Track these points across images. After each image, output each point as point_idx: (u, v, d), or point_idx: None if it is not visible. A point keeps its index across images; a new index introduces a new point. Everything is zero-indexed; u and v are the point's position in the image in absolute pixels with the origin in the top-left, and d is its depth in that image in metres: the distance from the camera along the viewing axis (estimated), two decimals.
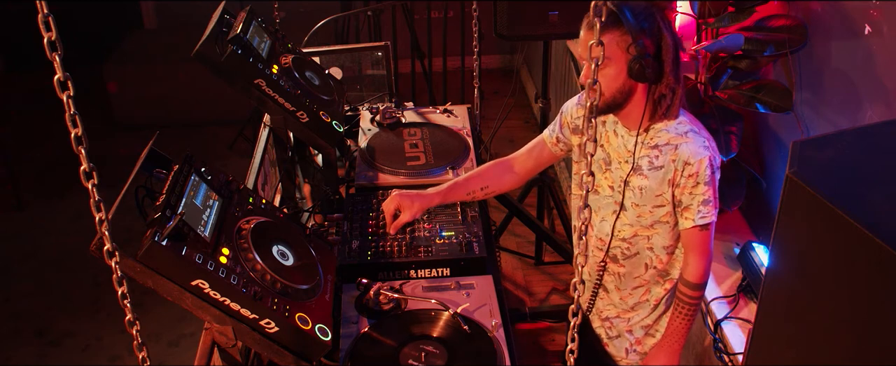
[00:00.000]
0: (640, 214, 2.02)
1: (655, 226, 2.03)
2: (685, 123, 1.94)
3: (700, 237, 1.98)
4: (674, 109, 1.92)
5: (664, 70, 1.86)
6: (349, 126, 2.66)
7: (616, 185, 2.04)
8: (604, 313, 2.24)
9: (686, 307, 2.05)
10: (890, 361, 0.94)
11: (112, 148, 4.84)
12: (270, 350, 1.65)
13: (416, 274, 2.01)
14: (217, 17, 2.26)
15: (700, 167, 1.89)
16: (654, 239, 2.05)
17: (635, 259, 2.10)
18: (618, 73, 1.87)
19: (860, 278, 0.98)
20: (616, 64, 1.85)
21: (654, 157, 1.95)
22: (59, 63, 1.17)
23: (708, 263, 2.01)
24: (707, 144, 1.92)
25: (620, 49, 1.84)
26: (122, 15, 6.20)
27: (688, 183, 1.92)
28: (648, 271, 2.11)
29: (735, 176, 2.56)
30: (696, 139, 1.91)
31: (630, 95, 1.91)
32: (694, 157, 1.89)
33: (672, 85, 1.89)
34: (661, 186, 1.95)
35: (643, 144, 1.96)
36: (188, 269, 1.52)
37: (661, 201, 1.98)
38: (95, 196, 1.27)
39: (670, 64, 1.86)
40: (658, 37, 1.84)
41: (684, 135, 1.92)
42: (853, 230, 0.93)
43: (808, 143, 1.10)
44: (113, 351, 3.66)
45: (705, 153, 1.90)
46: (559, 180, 4.73)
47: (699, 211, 1.94)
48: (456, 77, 5.23)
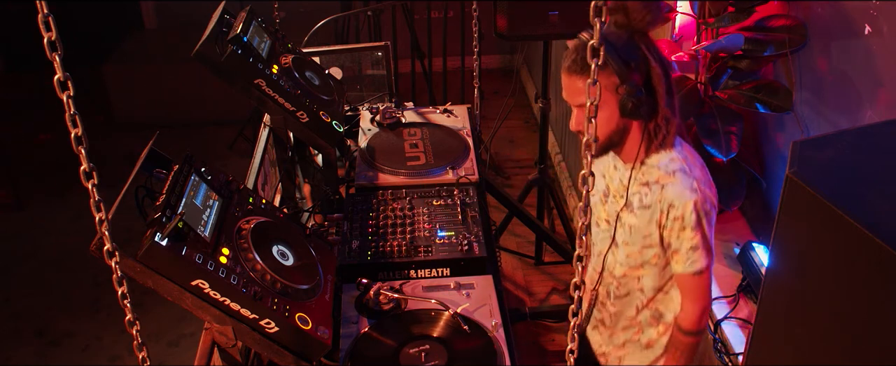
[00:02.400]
0: (630, 254, 1.93)
1: (645, 267, 1.94)
2: (676, 159, 1.84)
3: (693, 283, 1.88)
4: (669, 139, 1.83)
5: (658, 103, 1.78)
6: (349, 126, 2.66)
7: (611, 219, 1.96)
8: (600, 346, 2.17)
9: (679, 352, 1.95)
10: (890, 361, 0.94)
11: (112, 148, 4.84)
12: (270, 350, 1.65)
13: (416, 274, 2.01)
14: (217, 17, 2.26)
15: (685, 211, 1.79)
16: (644, 280, 1.96)
17: (626, 299, 2.01)
18: (611, 115, 1.79)
19: (860, 278, 0.98)
20: (608, 106, 1.77)
21: (645, 194, 1.86)
22: (59, 63, 1.17)
23: (703, 309, 1.91)
24: (694, 186, 1.80)
25: (609, 91, 1.76)
26: (122, 15, 6.20)
27: (675, 226, 1.82)
28: (641, 313, 2.01)
29: (735, 176, 2.56)
30: (683, 180, 1.80)
31: (625, 133, 1.84)
32: (679, 199, 1.79)
33: (667, 116, 1.81)
34: (649, 226, 1.86)
35: (636, 179, 1.88)
36: (188, 269, 1.52)
37: (650, 242, 1.89)
38: (95, 196, 1.27)
39: (663, 95, 1.78)
40: (646, 68, 1.76)
41: (672, 174, 1.82)
42: (853, 230, 0.93)
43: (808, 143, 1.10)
44: (113, 351, 3.66)
45: (691, 196, 1.79)
46: (559, 180, 4.73)
47: (688, 257, 1.84)
48: (456, 77, 5.23)
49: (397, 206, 2.23)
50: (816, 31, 2.32)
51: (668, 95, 1.79)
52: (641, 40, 1.76)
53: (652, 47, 1.78)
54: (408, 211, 2.20)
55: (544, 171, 3.77)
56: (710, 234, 1.84)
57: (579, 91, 1.77)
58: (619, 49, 1.73)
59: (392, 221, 2.16)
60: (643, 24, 1.74)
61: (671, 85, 1.80)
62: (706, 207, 1.81)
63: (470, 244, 2.04)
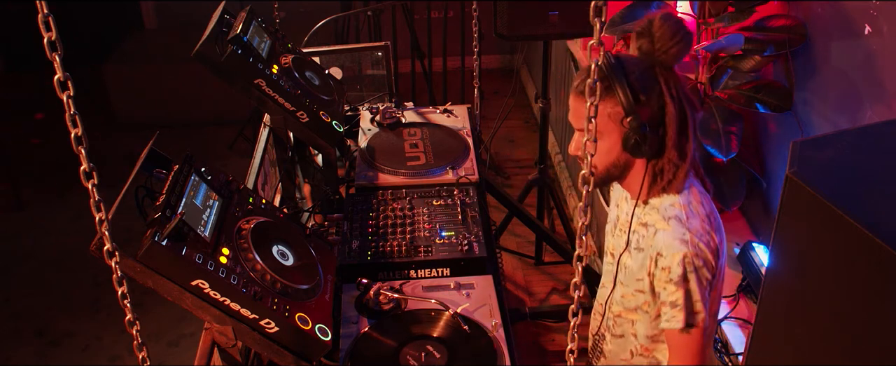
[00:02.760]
0: (624, 295, 1.83)
1: (638, 311, 1.82)
2: (677, 205, 1.69)
3: (677, 341, 1.73)
4: (676, 183, 1.69)
5: (665, 144, 1.66)
6: (349, 126, 2.66)
7: (616, 253, 1.85)
8: None
9: None
10: (890, 361, 0.94)
11: (112, 148, 4.84)
12: (270, 350, 1.65)
13: (416, 274, 2.01)
14: (217, 17, 2.26)
15: (672, 262, 1.64)
16: (637, 325, 1.84)
17: (622, 341, 1.91)
18: (611, 147, 1.68)
19: (860, 278, 0.98)
20: (609, 137, 1.66)
21: (642, 235, 1.74)
22: (59, 63, 1.17)
23: None
24: (687, 238, 1.64)
25: (613, 121, 1.64)
26: (122, 15, 6.20)
27: (661, 276, 1.67)
28: (635, 358, 1.89)
29: (735, 176, 2.56)
30: (677, 229, 1.66)
31: (627, 168, 1.73)
32: (667, 249, 1.65)
33: (675, 160, 1.67)
34: (641, 270, 1.74)
35: (638, 217, 1.76)
36: (188, 269, 1.52)
37: (642, 287, 1.76)
38: (95, 196, 1.27)
39: (673, 137, 1.65)
40: (660, 105, 1.63)
41: (667, 220, 1.68)
42: (853, 230, 0.93)
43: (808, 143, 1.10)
44: (113, 351, 3.66)
45: (681, 249, 1.64)
46: (559, 180, 4.73)
47: (666, 312, 1.69)
48: (456, 77, 5.23)
49: (397, 206, 2.23)
50: (816, 31, 2.32)
51: (681, 138, 1.66)
52: (662, 73, 1.64)
53: (674, 83, 1.65)
54: (408, 211, 2.20)
55: (544, 171, 3.77)
56: (700, 293, 1.66)
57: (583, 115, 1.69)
58: (633, 78, 1.62)
59: (392, 221, 2.16)
60: (668, 56, 1.62)
61: (689, 128, 1.67)
62: (697, 263, 1.64)
63: (470, 244, 2.04)
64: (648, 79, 1.63)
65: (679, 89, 1.65)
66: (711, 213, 1.72)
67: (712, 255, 1.67)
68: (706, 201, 1.73)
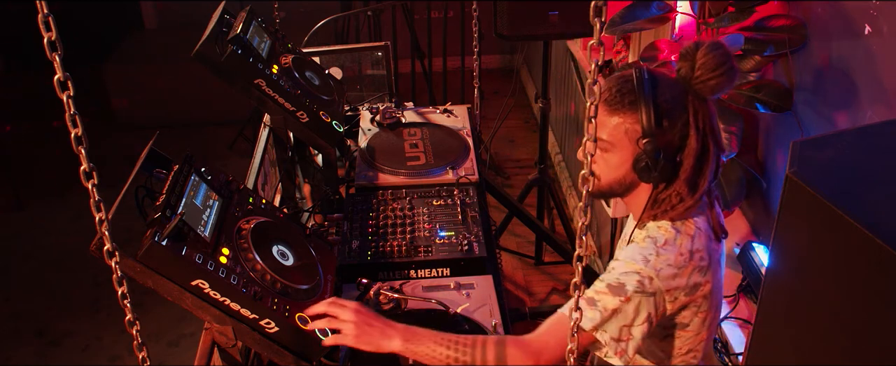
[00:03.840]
0: None
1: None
2: (664, 229, 1.60)
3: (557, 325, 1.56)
4: (673, 213, 1.61)
5: (678, 176, 1.58)
6: (349, 126, 2.66)
7: None
8: None
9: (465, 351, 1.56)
10: (890, 361, 0.94)
11: (112, 148, 4.84)
12: (270, 350, 1.65)
13: (416, 274, 2.01)
14: (217, 17, 2.26)
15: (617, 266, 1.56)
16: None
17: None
18: (620, 163, 1.60)
19: (860, 278, 0.98)
20: (620, 153, 1.59)
21: None
22: (59, 63, 1.17)
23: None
24: (649, 259, 1.54)
25: (628, 138, 1.56)
26: (122, 15, 6.20)
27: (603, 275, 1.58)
28: None
29: (735, 176, 2.56)
30: (648, 248, 1.57)
31: (631, 188, 1.65)
32: (624, 257, 1.57)
33: (682, 194, 1.59)
34: None
35: (633, 237, 1.67)
36: (188, 269, 1.52)
37: None
38: (95, 196, 1.27)
39: (688, 170, 1.57)
40: (682, 135, 1.55)
41: (645, 239, 1.60)
42: (853, 230, 0.93)
43: (808, 143, 1.10)
44: (113, 351, 3.66)
45: (637, 265, 1.54)
46: (559, 180, 4.73)
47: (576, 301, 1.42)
48: (456, 77, 5.24)
49: (397, 206, 2.23)
50: (816, 31, 2.31)
51: (696, 175, 1.59)
52: (694, 103, 1.56)
53: (703, 116, 1.56)
54: (408, 211, 2.20)
55: (544, 171, 3.77)
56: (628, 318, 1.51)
57: (601, 125, 1.58)
58: (662, 100, 1.54)
59: (392, 222, 2.16)
60: (705, 87, 1.54)
61: (707, 166, 1.59)
62: (642, 287, 1.52)
63: (470, 244, 2.04)
64: (677, 105, 1.55)
65: (708, 124, 1.58)
66: (701, 252, 1.60)
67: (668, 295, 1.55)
68: (700, 240, 1.61)
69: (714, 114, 1.60)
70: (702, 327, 1.68)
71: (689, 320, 1.66)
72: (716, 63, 1.53)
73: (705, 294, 1.62)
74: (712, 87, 1.54)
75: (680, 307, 1.61)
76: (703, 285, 1.60)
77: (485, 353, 1.56)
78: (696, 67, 1.54)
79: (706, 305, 1.64)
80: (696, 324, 1.67)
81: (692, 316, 1.65)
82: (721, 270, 1.70)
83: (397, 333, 1.60)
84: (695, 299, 1.61)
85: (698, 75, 1.54)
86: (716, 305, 1.69)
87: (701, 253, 1.60)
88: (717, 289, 1.66)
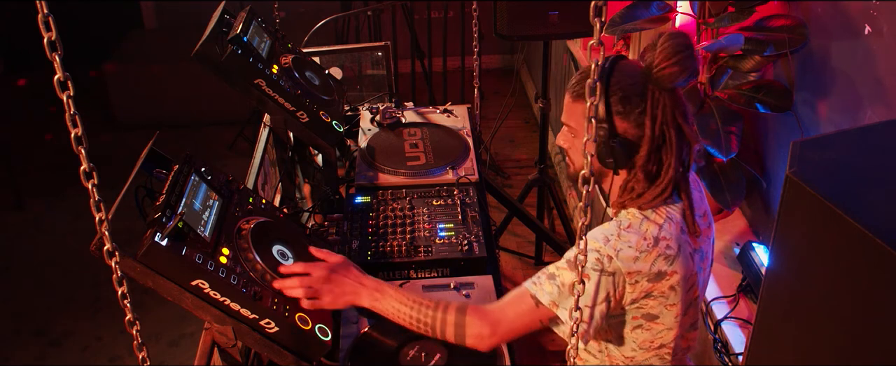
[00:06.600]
0: None
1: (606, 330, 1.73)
2: (631, 215, 1.62)
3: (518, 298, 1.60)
4: (640, 201, 1.62)
5: (635, 163, 1.61)
6: (349, 126, 2.66)
7: None
8: None
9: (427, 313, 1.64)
10: (890, 361, 0.94)
11: (112, 148, 4.84)
12: (270, 350, 1.65)
13: (416, 274, 2.01)
14: (217, 17, 2.27)
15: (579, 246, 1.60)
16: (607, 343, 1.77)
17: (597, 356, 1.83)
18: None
19: (860, 278, 0.98)
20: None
21: None
22: (59, 63, 1.17)
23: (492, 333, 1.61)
24: (610, 240, 1.56)
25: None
26: (122, 15, 6.20)
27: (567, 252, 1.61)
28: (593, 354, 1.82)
29: (735, 176, 2.56)
30: (610, 229, 1.59)
31: (601, 175, 1.70)
32: (589, 236, 1.57)
33: (642, 181, 1.61)
34: None
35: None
36: (188, 269, 1.52)
37: None
38: (95, 196, 1.28)
39: (644, 158, 1.59)
40: (638, 123, 1.58)
41: (611, 223, 1.63)
42: (853, 230, 0.93)
43: (808, 143, 1.10)
44: (113, 351, 3.66)
45: (598, 243, 1.56)
46: (559, 180, 4.73)
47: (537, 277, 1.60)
48: (456, 77, 5.24)
49: (397, 206, 2.23)
50: (816, 31, 2.31)
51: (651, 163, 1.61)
52: (654, 92, 1.57)
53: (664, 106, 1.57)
54: (408, 211, 2.20)
55: (544, 171, 3.77)
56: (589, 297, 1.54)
57: (571, 113, 1.67)
58: (618, 87, 1.57)
59: (392, 222, 2.16)
60: (661, 75, 1.55)
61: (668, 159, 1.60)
62: (601, 264, 1.55)
63: (470, 244, 2.04)
64: (634, 94, 1.57)
65: (668, 114, 1.58)
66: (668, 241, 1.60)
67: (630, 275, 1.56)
68: (670, 229, 1.61)
69: (682, 104, 1.60)
70: (674, 323, 1.67)
71: (657, 311, 1.65)
72: (671, 52, 1.53)
73: (673, 285, 1.61)
74: (668, 75, 1.54)
75: (643, 294, 1.61)
76: (668, 274, 1.60)
77: (445, 317, 1.64)
78: (656, 55, 1.55)
79: (675, 297, 1.63)
80: (669, 319, 1.66)
81: (661, 307, 1.64)
82: (698, 265, 1.68)
83: (366, 290, 1.71)
84: (659, 287, 1.60)
85: (657, 63, 1.55)
86: (690, 301, 1.68)
87: (668, 242, 1.60)
88: (689, 283, 1.65)
